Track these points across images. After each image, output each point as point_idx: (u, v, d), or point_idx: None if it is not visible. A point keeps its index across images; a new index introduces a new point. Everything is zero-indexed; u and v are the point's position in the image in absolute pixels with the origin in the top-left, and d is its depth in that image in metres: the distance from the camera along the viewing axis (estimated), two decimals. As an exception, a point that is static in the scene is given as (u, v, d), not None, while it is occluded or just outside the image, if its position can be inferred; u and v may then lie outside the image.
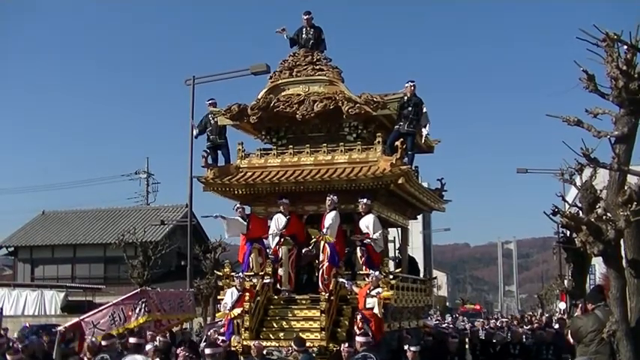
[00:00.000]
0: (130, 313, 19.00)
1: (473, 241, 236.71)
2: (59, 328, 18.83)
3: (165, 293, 22.05)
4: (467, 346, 17.15)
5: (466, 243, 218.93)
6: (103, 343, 14.90)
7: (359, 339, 13.14)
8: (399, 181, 16.53)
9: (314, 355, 15.09)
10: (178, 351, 14.54)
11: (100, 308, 19.59)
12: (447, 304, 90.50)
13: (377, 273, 15.79)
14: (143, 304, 19.24)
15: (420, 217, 75.51)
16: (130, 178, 65.07)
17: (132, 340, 13.90)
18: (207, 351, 11.88)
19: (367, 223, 16.52)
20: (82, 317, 18.92)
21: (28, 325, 31.90)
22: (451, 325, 30.77)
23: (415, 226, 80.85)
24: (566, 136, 9.58)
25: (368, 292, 15.66)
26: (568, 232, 31.78)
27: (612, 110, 8.96)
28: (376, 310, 15.31)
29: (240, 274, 16.99)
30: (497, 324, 33.29)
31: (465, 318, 50.74)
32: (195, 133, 19.49)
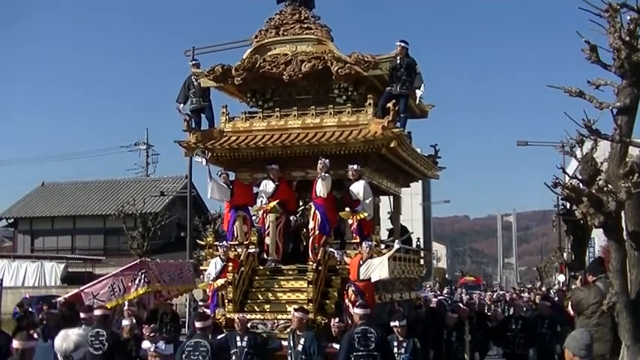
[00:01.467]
0: (130, 284, 18.76)
1: (472, 214, 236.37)
2: (59, 299, 18.61)
3: (165, 264, 21.79)
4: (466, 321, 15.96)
5: (466, 215, 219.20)
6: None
7: (357, 311, 12.11)
8: (391, 145, 15.35)
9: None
10: (144, 330, 13.51)
11: (100, 279, 19.37)
12: (447, 276, 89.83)
13: (370, 243, 14.67)
14: (143, 275, 19.03)
15: (419, 189, 74.79)
16: (129, 149, 64.02)
17: (97, 312, 12.90)
18: (198, 324, 11.23)
19: (357, 189, 15.34)
20: (81, 288, 18.77)
21: (28, 296, 31.22)
22: (447, 297, 29.61)
23: (415, 199, 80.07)
24: (567, 109, 9.14)
25: (360, 263, 14.52)
26: (568, 205, 31.14)
27: (614, 81, 8.79)
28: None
29: (224, 242, 15.86)
30: (495, 297, 32.26)
31: (464, 290, 49.91)
32: (180, 107, 17.84)
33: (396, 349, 12.97)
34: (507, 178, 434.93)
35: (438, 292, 33.38)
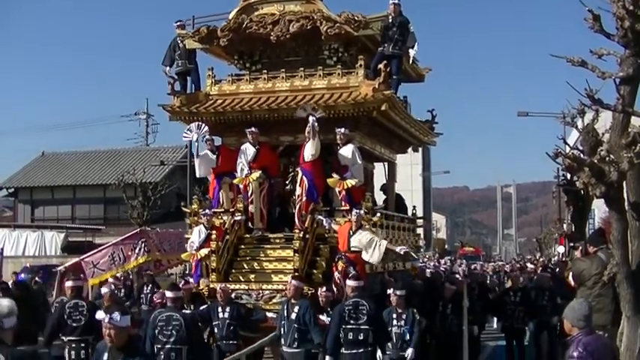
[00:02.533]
0: (130, 253, 18.53)
1: (472, 185, 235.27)
2: (59, 268, 18.18)
3: (165, 234, 21.49)
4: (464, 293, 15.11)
5: (465, 186, 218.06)
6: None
7: (350, 283, 11.35)
8: (382, 108, 14.42)
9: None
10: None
11: (100, 248, 19.07)
12: (446, 246, 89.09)
13: (360, 211, 13.76)
14: (143, 245, 18.84)
15: (419, 159, 74.08)
16: (129, 119, 62.96)
17: (68, 283, 12.09)
18: (169, 295, 10.52)
19: (346, 154, 14.42)
20: (81, 257, 18.43)
21: (28, 265, 30.55)
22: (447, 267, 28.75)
23: (415, 169, 79.30)
24: (569, 79, 8.84)
25: (350, 232, 13.63)
26: (569, 175, 30.35)
27: (617, 51, 8.54)
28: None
29: (207, 210, 14.98)
30: (494, 268, 31.36)
31: (464, 261, 49.19)
32: (166, 70, 16.84)
33: (395, 321, 12.25)
34: (507, 149, 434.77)
35: (436, 263, 32.38)
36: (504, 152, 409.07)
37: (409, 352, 12.14)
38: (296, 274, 12.68)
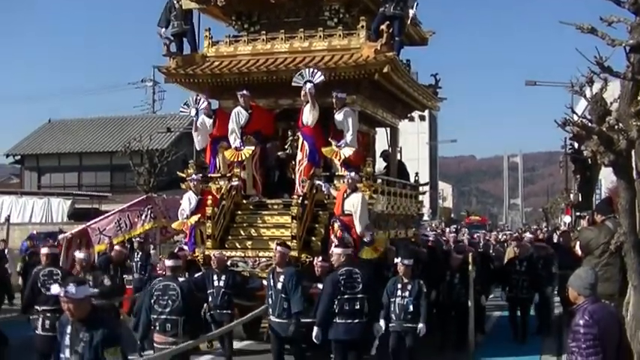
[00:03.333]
0: (136, 220, 18.36)
1: (479, 154, 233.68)
2: (66, 235, 17.81)
3: (171, 200, 20.91)
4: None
5: (472, 155, 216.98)
6: None
7: (337, 250, 10.53)
8: (384, 70, 13.80)
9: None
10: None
11: (106, 215, 18.82)
12: (452, 215, 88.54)
13: (352, 174, 13.16)
14: (149, 211, 18.68)
15: (426, 128, 73.39)
16: (136, 86, 62.17)
17: (43, 250, 11.51)
18: (168, 262, 9.90)
19: (342, 119, 13.81)
20: (88, 224, 18.13)
21: (35, 232, 30.23)
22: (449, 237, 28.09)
23: (421, 137, 78.61)
24: (579, 47, 8.47)
25: (345, 195, 13.05)
26: (577, 145, 29.81)
27: (628, 18, 8.36)
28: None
29: (194, 175, 14.41)
30: (500, 238, 30.69)
31: (467, 230, 48.66)
32: (161, 31, 16.15)
33: (399, 291, 11.56)
34: (515, 118, 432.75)
35: (439, 231, 31.68)
36: (511, 121, 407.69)
37: (420, 327, 11.41)
38: (278, 241, 11.99)
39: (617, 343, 6.48)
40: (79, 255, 12.04)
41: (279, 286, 10.97)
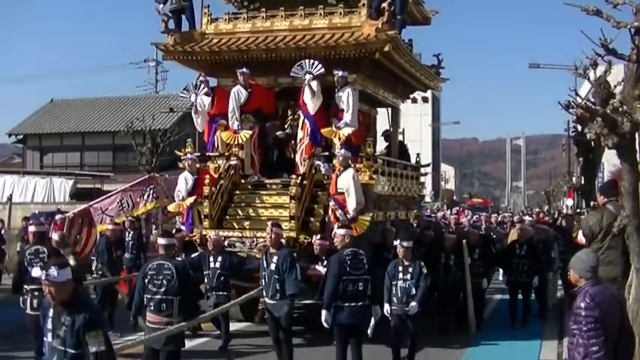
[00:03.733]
0: (139, 200, 18.15)
1: (482, 137, 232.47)
2: (68, 215, 17.48)
3: (173, 180, 20.19)
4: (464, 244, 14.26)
5: (475, 138, 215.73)
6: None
7: (340, 231, 10.18)
8: (385, 49, 13.50)
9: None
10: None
11: (109, 195, 18.70)
12: (455, 197, 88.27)
13: (343, 151, 12.92)
14: (151, 191, 18.41)
15: (429, 109, 72.90)
16: (139, 66, 61.52)
17: (30, 228, 11.26)
18: (161, 242, 9.46)
19: (343, 98, 13.53)
20: (90, 203, 17.92)
21: (37, 211, 30.09)
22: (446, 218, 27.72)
23: (424, 119, 78.27)
24: (583, 29, 8.46)
25: (338, 173, 12.79)
26: (580, 127, 29.46)
27: (633, 0, 8.33)
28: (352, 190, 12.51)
29: (189, 154, 14.15)
30: (499, 219, 30.34)
31: (469, 212, 48.34)
32: (159, 7, 15.81)
33: (400, 274, 11.21)
34: (518, 101, 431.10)
35: (439, 214, 31.27)
36: (514, 104, 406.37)
37: (413, 305, 11.07)
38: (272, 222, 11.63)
39: (619, 326, 6.38)
40: (54, 236, 11.80)
41: (273, 267, 10.68)
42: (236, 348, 12.70)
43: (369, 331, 10.28)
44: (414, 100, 78.38)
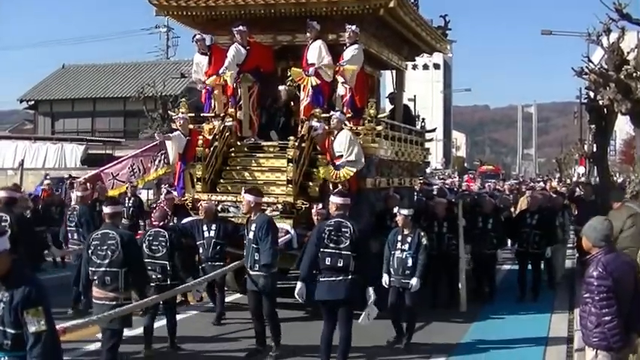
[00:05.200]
0: (150, 165, 17.27)
1: (493, 104, 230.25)
2: (79, 179, 17.04)
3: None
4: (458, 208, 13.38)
5: (486, 105, 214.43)
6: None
7: (335, 200, 9.15)
8: (390, 5, 12.50)
9: (278, 213, 11.52)
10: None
11: (120, 160, 18.00)
12: (465, 164, 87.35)
13: (338, 113, 12.11)
14: (162, 156, 17.27)
15: (440, 76, 71.93)
16: (149, 32, 60.84)
17: (2, 193, 10.38)
18: (106, 209, 8.49)
19: (351, 53, 12.64)
20: (101, 169, 17.42)
21: (49, 177, 29.62)
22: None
23: (435, 86, 77.16)
24: None
25: (332, 138, 11.92)
26: (592, 94, 28.55)
27: None
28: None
29: (180, 114, 13.28)
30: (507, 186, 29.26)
31: (480, 179, 47.44)
32: None
33: (399, 244, 10.45)
34: (529, 68, 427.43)
35: (447, 181, 30.33)
36: (526, 72, 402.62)
37: (413, 281, 10.33)
38: (247, 187, 10.69)
39: (633, 294, 6.22)
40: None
41: (251, 235, 9.74)
42: (229, 321, 11.92)
43: (364, 319, 9.29)
44: (426, 67, 77.17)
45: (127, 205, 15.75)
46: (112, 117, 49.97)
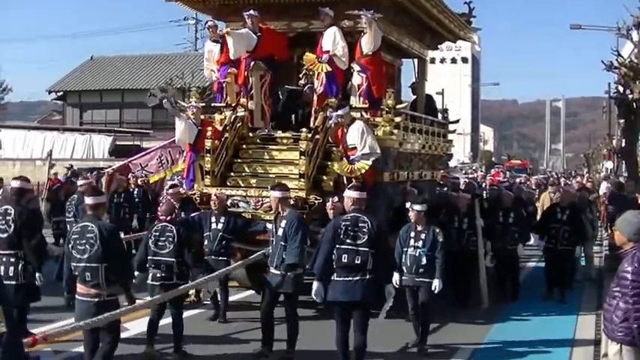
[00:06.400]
0: (178, 156, 16.83)
1: (521, 98, 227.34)
2: (107, 170, 17.08)
3: None
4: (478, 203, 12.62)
5: (514, 100, 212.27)
6: None
7: (350, 194, 8.44)
8: (406, -12, 11.71)
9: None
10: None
11: (148, 150, 17.86)
12: (493, 159, 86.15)
13: (347, 108, 11.35)
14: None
15: (468, 70, 70.87)
16: (178, 24, 60.37)
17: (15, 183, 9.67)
18: (87, 200, 7.85)
19: (366, 40, 11.85)
20: (130, 159, 17.30)
21: (77, 168, 29.30)
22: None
23: (464, 80, 76.03)
24: None
25: (345, 131, 11.15)
26: (622, 89, 27.60)
27: None
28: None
29: (193, 102, 12.58)
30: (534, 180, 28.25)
31: (508, 172, 46.54)
32: None
33: (412, 241, 9.76)
34: (558, 63, 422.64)
35: (472, 175, 29.24)
36: (554, 66, 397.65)
37: (436, 283, 9.63)
38: (272, 184, 9.89)
39: None
40: None
41: (280, 232, 9.02)
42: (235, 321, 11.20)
43: (382, 315, 8.63)
44: (454, 61, 76.27)
45: (114, 200, 15.21)
46: (140, 108, 49.43)
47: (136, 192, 15.68)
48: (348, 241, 8.10)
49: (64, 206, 14.71)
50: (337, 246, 8.12)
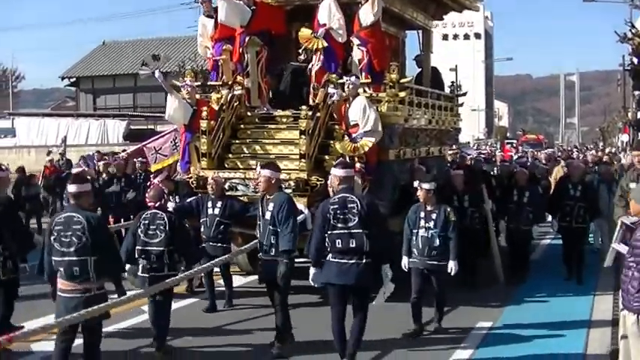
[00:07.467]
0: None
1: (535, 73, 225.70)
2: (122, 154, 16.81)
3: None
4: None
5: (528, 74, 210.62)
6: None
7: (336, 172, 7.71)
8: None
9: (291, 190, 10.06)
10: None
11: (162, 134, 16.96)
12: (508, 134, 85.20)
13: (353, 78, 10.61)
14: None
15: (482, 46, 69.65)
16: (189, 6, 59.82)
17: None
18: (70, 189, 7.16)
19: (367, 11, 11.13)
20: (144, 143, 16.66)
21: (92, 153, 29.02)
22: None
23: (477, 55, 74.94)
24: None
25: (348, 105, 10.44)
26: (636, 60, 26.71)
27: None
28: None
29: (187, 81, 11.90)
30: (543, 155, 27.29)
31: (521, 147, 45.66)
32: None
33: (422, 221, 9.10)
34: (571, 36, 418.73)
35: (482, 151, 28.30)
36: (568, 40, 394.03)
37: (452, 265, 9.06)
38: (263, 163, 9.19)
39: None
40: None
41: (268, 215, 8.29)
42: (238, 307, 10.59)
43: (380, 298, 7.96)
44: (467, 37, 75.15)
45: (139, 180, 14.73)
46: (154, 92, 49.02)
47: (141, 177, 15.18)
48: (339, 225, 7.42)
49: (61, 195, 14.23)
50: (329, 232, 7.45)
